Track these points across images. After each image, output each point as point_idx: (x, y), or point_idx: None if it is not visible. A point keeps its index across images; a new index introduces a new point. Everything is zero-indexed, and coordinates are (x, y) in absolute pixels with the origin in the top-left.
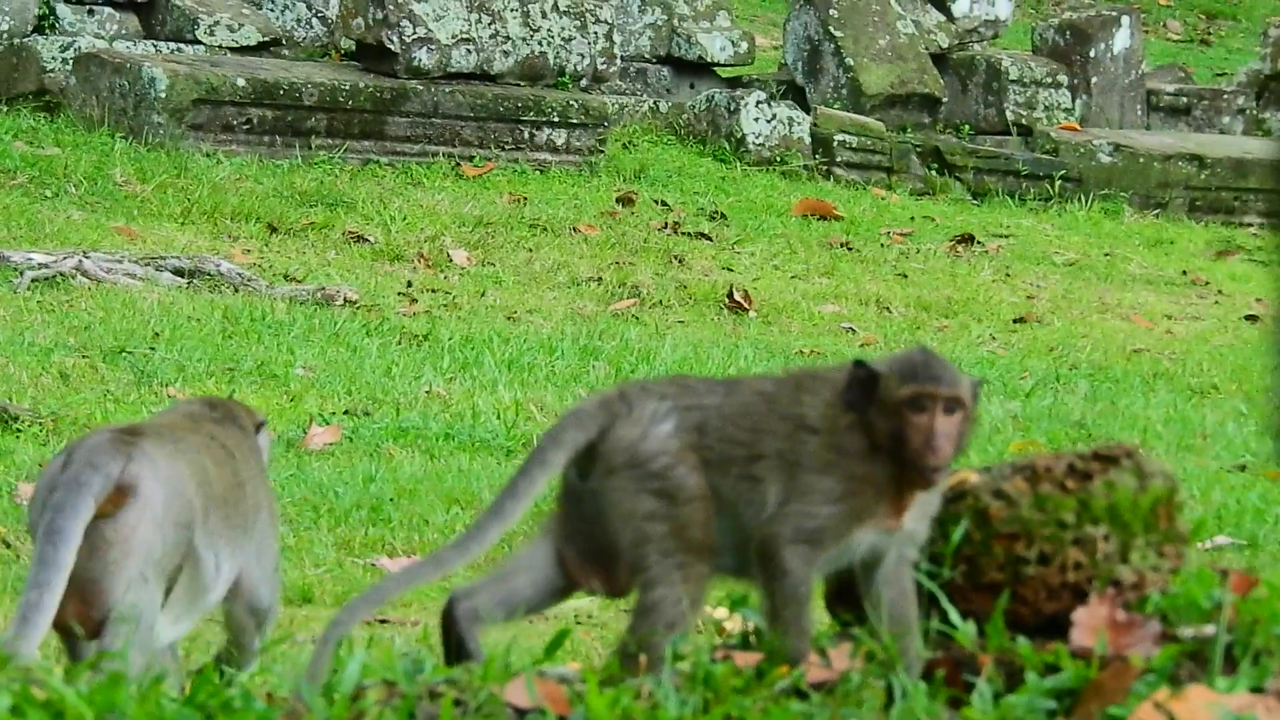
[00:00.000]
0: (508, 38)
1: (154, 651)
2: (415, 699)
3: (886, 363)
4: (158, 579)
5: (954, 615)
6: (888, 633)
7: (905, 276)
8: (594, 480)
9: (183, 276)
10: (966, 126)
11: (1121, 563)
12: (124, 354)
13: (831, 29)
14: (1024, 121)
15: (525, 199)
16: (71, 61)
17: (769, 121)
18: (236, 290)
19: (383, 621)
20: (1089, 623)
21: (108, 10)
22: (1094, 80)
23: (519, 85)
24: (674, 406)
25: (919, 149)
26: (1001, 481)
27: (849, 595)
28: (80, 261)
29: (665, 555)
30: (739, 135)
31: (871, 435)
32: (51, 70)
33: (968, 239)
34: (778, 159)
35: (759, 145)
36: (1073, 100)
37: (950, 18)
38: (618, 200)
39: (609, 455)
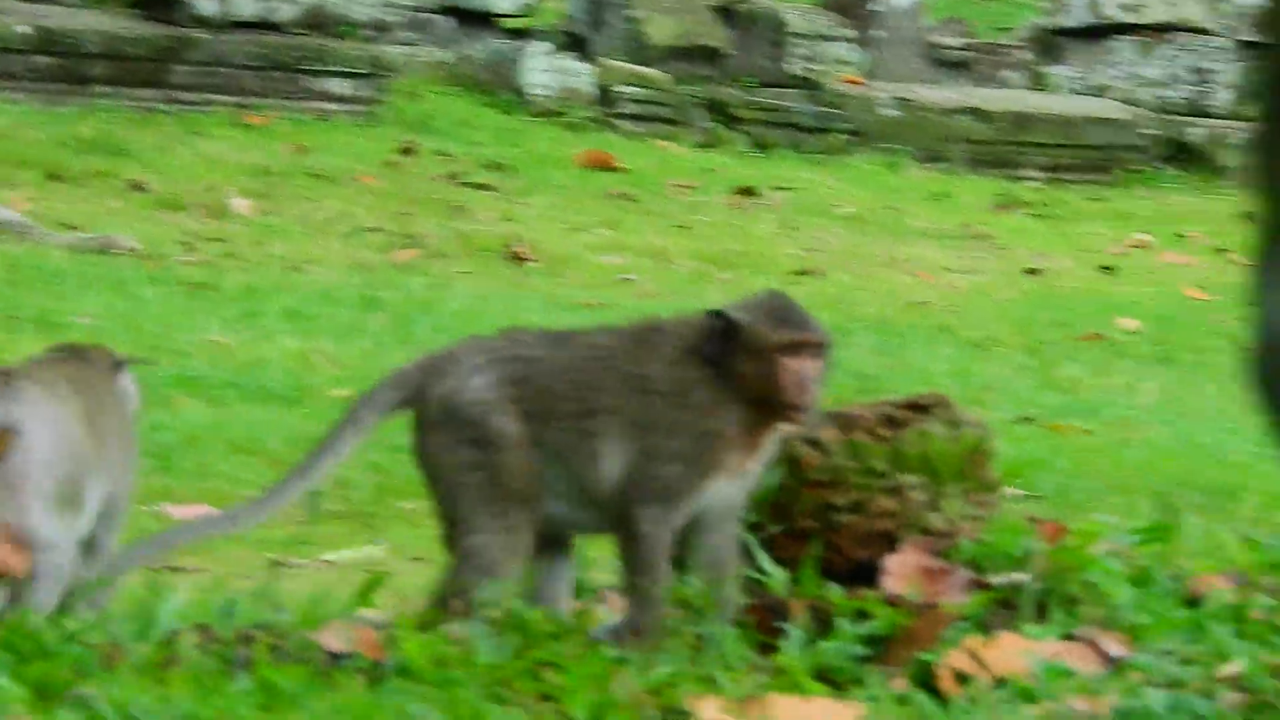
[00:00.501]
0: None
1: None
2: (230, 643)
3: (746, 311)
4: (60, 513)
5: (766, 562)
6: (704, 578)
7: (687, 228)
8: (418, 435)
9: None
10: (750, 79)
11: (933, 511)
12: None
13: None
14: (807, 75)
15: (308, 148)
16: None
17: (552, 73)
18: (18, 238)
19: (174, 570)
20: (900, 570)
21: None
22: (877, 34)
23: (303, 34)
24: (495, 359)
25: (702, 101)
26: (814, 430)
27: None
28: None
29: (483, 503)
30: (522, 86)
31: (731, 384)
32: None
33: (750, 191)
34: (561, 110)
35: (542, 97)
36: (856, 54)
37: None
38: (400, 150)
39: (429, 410)
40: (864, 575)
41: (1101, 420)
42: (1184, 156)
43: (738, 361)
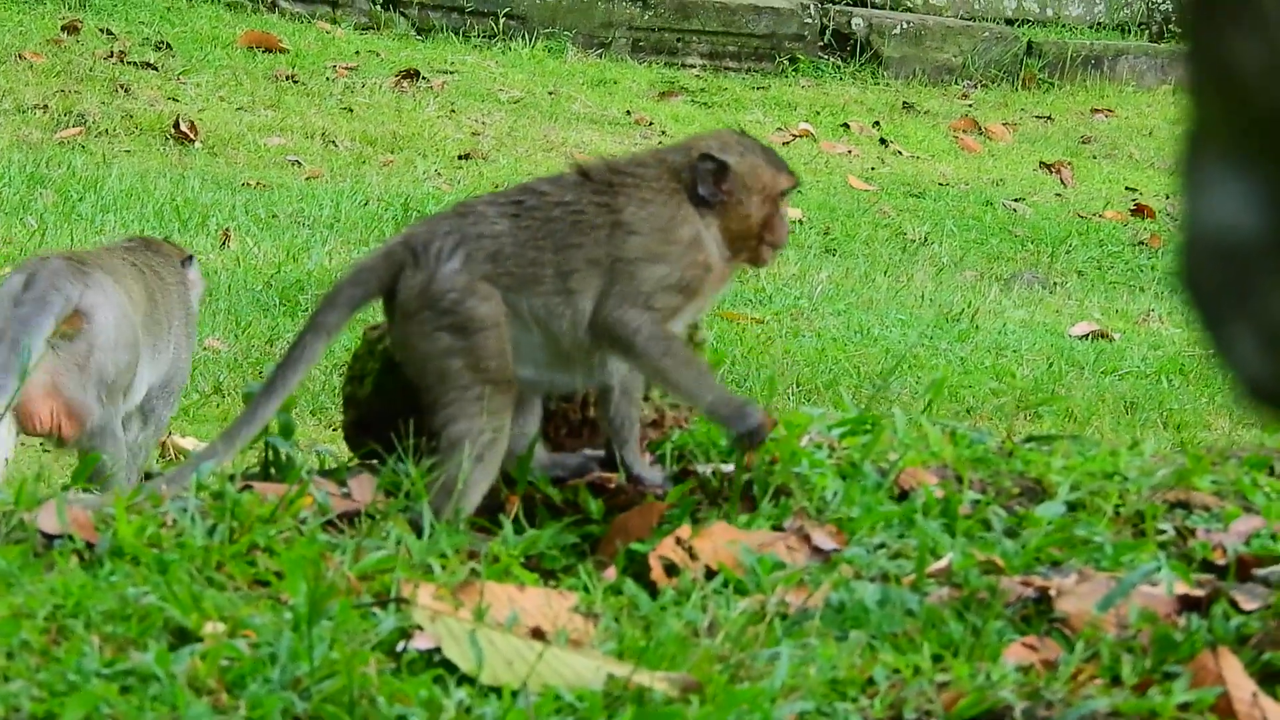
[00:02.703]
0: None
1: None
2: None
3: (735, 152)
4: (112, 398)
5: None
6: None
7: (351, 111)
8: (395, 328)
9: None
10: None
11: (643, 400)
12: None
13: None
14: None
15: None
16: None
17: None
18: None
19: None
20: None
21: None
22: None
23: None
24: (460, 240)
25: None
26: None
27: (374, 424)
28: None
29: (464, 388)
30: None
31: (720, 222)
32: None
33: (413, 74)
34: None
35: None
36: None
37: None
38: (63, 28)
39: (404, 302)
40: None
41: (774, 309)
42: (845, 46)
43: (730, 202)
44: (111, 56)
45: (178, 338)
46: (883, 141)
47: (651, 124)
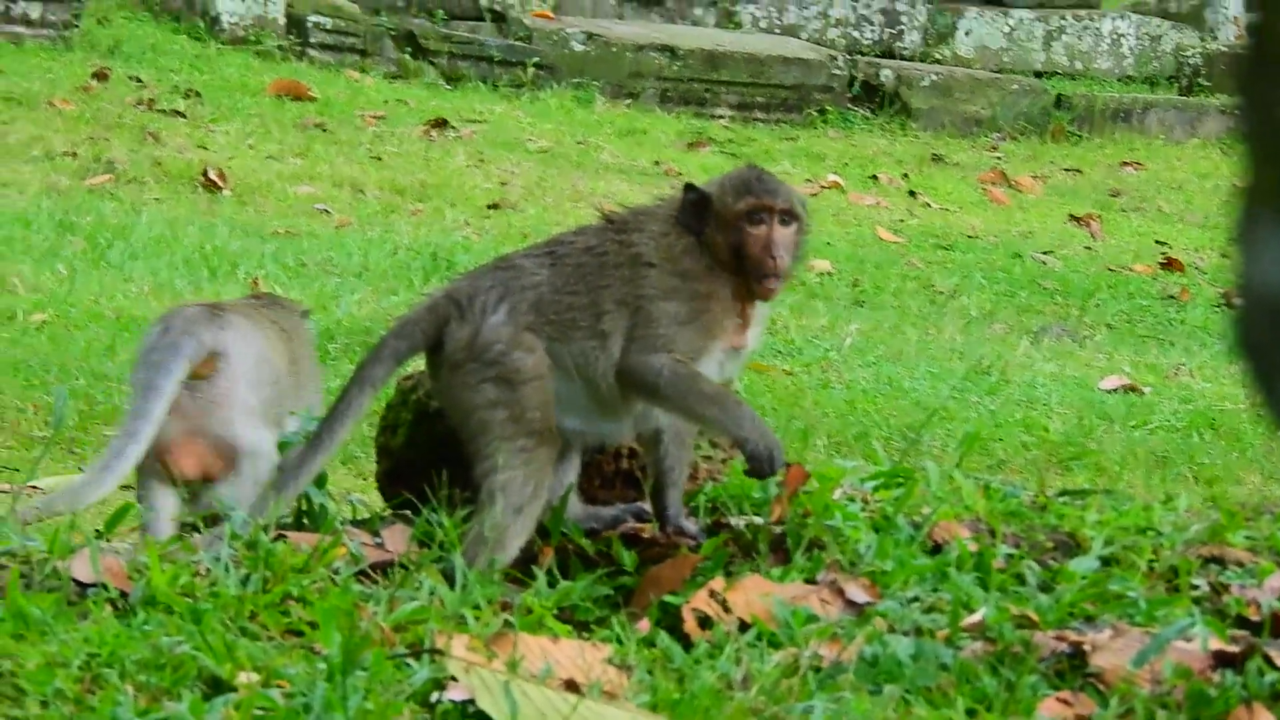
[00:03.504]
0: None
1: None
2: None
3: (718, 182)
4: (266, 426)
5: None
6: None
7: (379, 159)
8: (440, 379)
9: None
10: (440, 11)
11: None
12: None
13: None
14: (498, 8)
15: (1, 72)
16: None
17: (243, 0)
18: None
19: None
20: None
21: None
22: None
23: None
24: (504, 293)
25: (393, 32)
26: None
27: (407, 473)
28: None
29: (506, 440)
30: (213, 14)
31: (711, 253)
32: None
33: (442, 124)
34: (252, 39)
35: (233, 24)
36: None
37: None
38: (93, 76)
39: (450, 355)
40: None
41: (803, 361)
42: (874, 98)
43: (712, 231)
44: (141, 104)
45: (311, 385)
46: (911, 193)
47: (680, 174)
